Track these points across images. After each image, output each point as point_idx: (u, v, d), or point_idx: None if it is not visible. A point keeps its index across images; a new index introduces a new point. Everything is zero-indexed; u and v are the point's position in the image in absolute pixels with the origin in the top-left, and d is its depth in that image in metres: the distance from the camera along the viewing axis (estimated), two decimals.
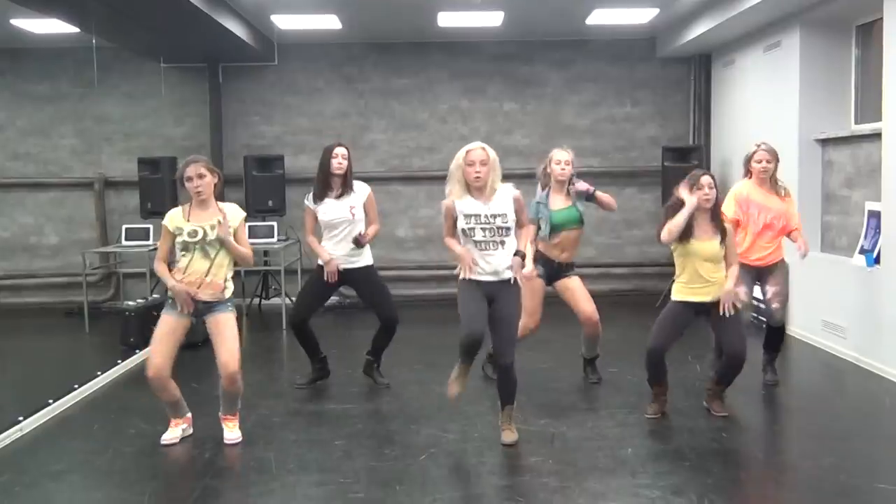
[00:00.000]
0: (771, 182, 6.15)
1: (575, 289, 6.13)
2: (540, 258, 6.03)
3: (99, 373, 6.63)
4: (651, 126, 10.60)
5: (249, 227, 9.57)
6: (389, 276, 10.53)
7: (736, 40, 9.31)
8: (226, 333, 4.98)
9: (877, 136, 6.78)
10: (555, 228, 6.02)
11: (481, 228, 4.85)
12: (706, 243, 5.27)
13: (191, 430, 5.24)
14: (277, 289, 9.81)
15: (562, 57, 10.50)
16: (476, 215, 4.86)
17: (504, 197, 4.89)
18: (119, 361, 7.03)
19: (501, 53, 10.47)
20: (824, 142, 7.91)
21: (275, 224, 9.74)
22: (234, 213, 5.09)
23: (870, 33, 7.53)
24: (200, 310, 5.01)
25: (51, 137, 10.49)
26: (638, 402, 5.73)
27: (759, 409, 5.95)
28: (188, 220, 4.97)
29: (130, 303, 8.05)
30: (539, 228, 5.99)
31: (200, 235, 4.95)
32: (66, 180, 10.51)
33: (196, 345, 5.30)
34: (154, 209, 9.39)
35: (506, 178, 5.48)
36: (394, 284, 10.35)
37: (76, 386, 6.23)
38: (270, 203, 9.72)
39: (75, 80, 10.36)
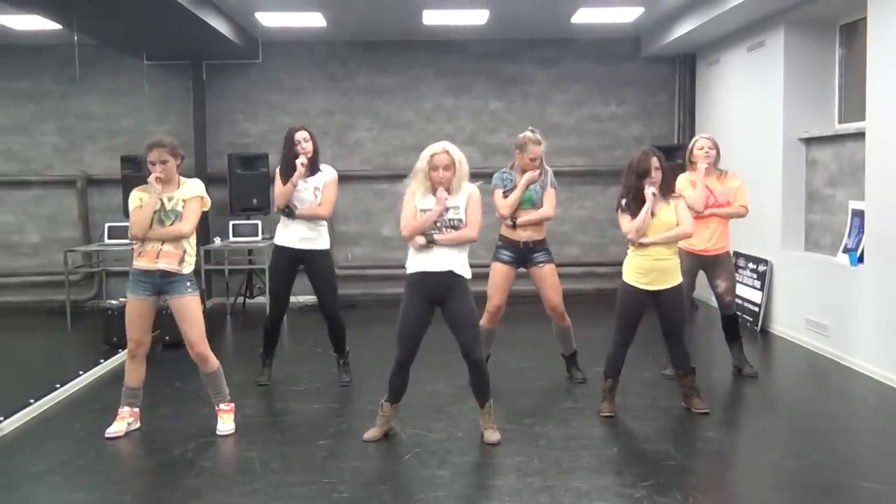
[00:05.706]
0: (715, 169, 6.24)
1: (544, 278, 6.10)
2: (505, 243, 6.09)
3: (81, 372, 6.58)
4: (635, 125, 10.62)
5: (233, 225, 9.69)
6: (374, 274, 10.54)
7: (720, 40, 9.34)
8: (190, 317, 5.13)
9: (860, 135, 6.81)
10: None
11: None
12: (662, 212, 5.30)
13: (136, 425, 5.28)
14: (262, 287, 9.75)
15: (547, 55, 10.50)
16: (430, 209, 4.89)
17: (461, 193, 4.91)
18: (101, 361, 6.97)
19: (486, 52, 10.46)
20: (808, 141, 7.94)
21: (259, 223, 9.71)
22: (189, 188, 5.15)
23: (853, 33, 7.56)
24: (159, 285, 5.09)
25: (32, 135, 10.40)
26: (622, 401, 5.71)
27: (742, 408, 5.97)
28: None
29: (113, 302, 7.98)
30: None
31: (159, 206, 5.07)
32: (47, 178, 10.42)
33: (181, 344, 5.29)
34: None
35: (491, 177, 5.45)
36: (378, 283, 10.46)
37: (58, 385, 6.17)
38: (255, 202, 9.68)
39: (57, 77, 10.27)
